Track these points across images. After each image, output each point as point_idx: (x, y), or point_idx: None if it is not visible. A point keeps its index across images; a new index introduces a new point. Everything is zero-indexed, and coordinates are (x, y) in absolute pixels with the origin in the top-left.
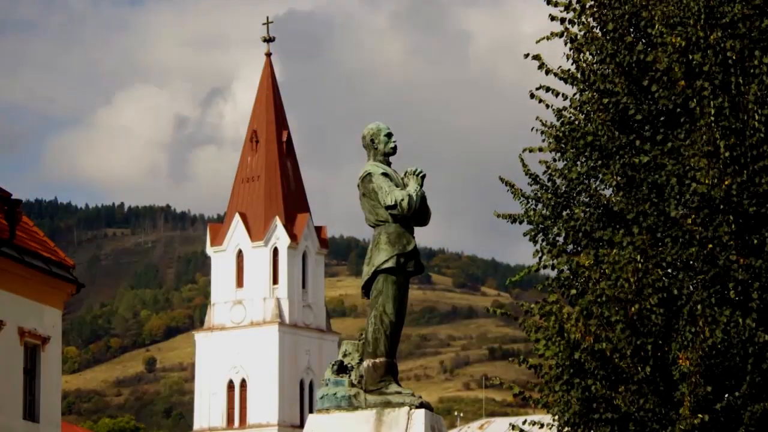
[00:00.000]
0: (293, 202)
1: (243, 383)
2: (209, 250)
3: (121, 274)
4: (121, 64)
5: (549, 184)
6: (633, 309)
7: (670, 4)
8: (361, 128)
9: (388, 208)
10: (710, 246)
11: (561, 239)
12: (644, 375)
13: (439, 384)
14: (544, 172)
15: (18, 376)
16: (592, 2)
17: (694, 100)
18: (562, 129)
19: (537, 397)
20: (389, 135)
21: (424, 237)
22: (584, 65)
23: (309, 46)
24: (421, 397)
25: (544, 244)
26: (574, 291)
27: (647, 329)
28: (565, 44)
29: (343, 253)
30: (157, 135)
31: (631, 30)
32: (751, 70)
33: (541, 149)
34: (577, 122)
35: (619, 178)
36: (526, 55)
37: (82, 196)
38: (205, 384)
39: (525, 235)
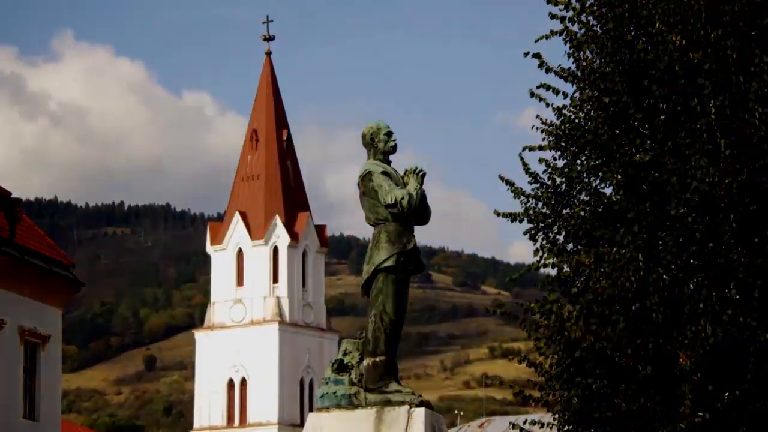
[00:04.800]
0: (293, 201)
1: (243, 382)
2: (209, 248)
3: (121, 273)
4: None
5: (549, 182)
6: (634, 308)
7: (671, 3)
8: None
9: (388, 206)
10: (711, 245)
11: (561, 238)
12: (645, 374)
13: (439, 383)
14: (544, 171)
15: (18, 375)
16: (592, 1)
17: (695, 98)
18: (563, 127)
19: (537, 396)
20: (389, 134)
21: (424, 235)
22: (584, 64)
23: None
24: (421, 395)
25: (544, 242)
26: (574, 290)
27: (648, 328)
28: (565, 43)
29: (344, 252)
30: None
31: (632, 28)
32: (752, 69)
33: (541, 148)
34: (577, 121)
35: (619, 177)
36: (526, 54)
37: (82, 194)
38: (205, 383)
39: (525, 233)
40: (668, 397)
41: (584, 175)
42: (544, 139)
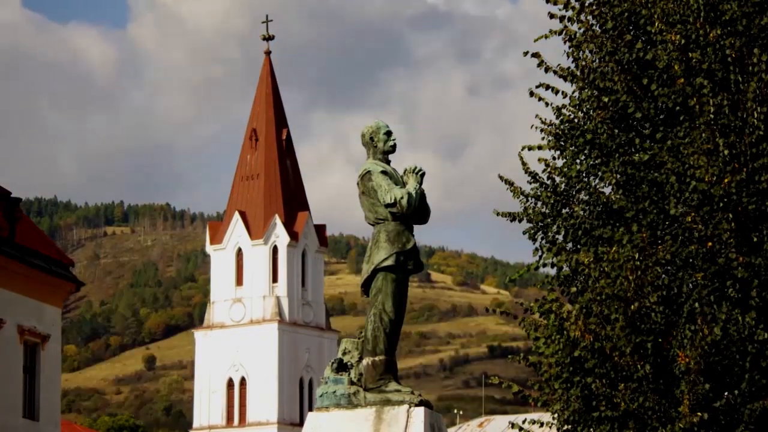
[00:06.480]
0: (293, 201)
1: (243, 381)
2: (209, 248)
3: (121, 273)
4: None
5: (548, 182)
6: (633, 307)
7: (670, 2)
8: None
9: (387, 206)
10: (710, 244)
11: (561, 237)
12: (644, 373)
13: (438, 382)
14: (544, 170)
15: (18, 374)
16: (591, 0)
17: (694, 98)
18: (562, 127)
19: (536, 396)
20: (388, 133)
21: (423, 235)
22: (583, 63)
23: None
24: (420, 394)
25: (543, 242)
26: (574, 289)
27: (647, 327)
28: (564, 42)
29: (343, 251)
30: None
31: (631, 28)
32: (750, 68)
33: (540, 147)
34: (576, 120)
35: (618, 176)
36: (526, 53)
37: (82, 194)
38: (204, 382)
39: (525, 233)
40: (667, 397)
41: (583, 174)
42: (543, 139)
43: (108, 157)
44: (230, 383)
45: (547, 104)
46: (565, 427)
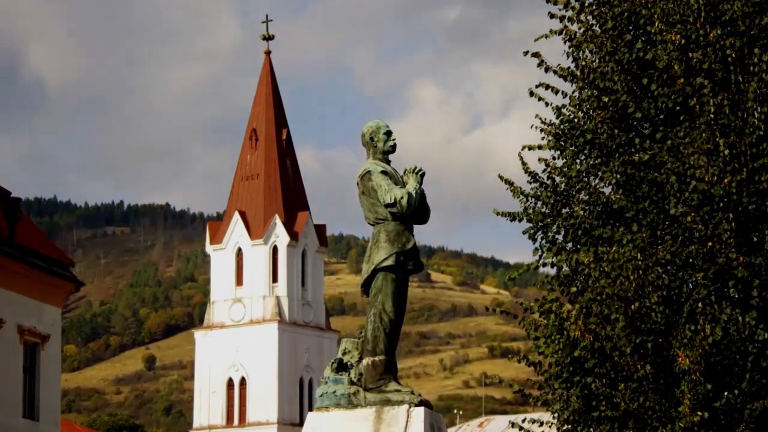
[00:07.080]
0: (293, 201)
1: (242, 381)
2: (209, 248)
3: (121, 273)
4: None
5: (548, 182)
6: (633, 307)
7: (670, 2)
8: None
9: (387, 206)
10: (710, 243)
11: (561, 237)
12: (644, 373)
13: (438, 382)
14: (544, 170)
15: (18, 374)
16: (592, 0)
17: (694, 98)
18: (562, 127)
19: (537, 395)
20: (388, 133)
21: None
22: (583, 63)
23: None
24: (420, 395)
25: (543, 242)
26: (574, 289)
27: (647, 327)
28: (564, 42)
29: (343, 251)
30: None
31: (631, 28)
32: (751, 68)
33: (540, 147)
34: (576, 120)
35: (618, 176)
36: (526, 53)
37: (82, 194)
38: (204, 382)
39: (525, 233)
40: (667, 397)
41: (583, 174)
42: (543, 139)
43: (108, 156)
44: (230, 383)
45: (547, 104)
46: (565, 427)
